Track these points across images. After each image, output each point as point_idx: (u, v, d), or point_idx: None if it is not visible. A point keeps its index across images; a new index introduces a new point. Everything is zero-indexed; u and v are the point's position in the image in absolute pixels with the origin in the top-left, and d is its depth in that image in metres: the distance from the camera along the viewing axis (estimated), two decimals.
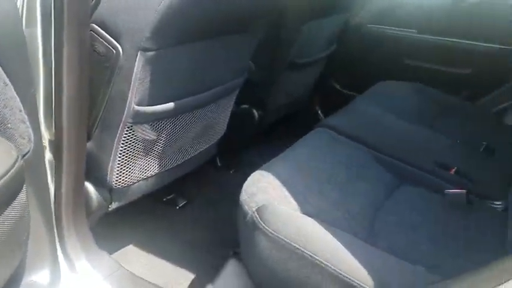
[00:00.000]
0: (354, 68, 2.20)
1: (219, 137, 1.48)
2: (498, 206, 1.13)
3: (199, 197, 1.70)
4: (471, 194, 1.12)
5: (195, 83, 1.16)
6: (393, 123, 1.47)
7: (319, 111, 2.32)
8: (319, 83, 2.19)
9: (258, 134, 1.93)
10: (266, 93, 1.73)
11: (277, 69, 1.65)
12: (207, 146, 1.42)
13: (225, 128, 1.48)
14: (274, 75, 1.67)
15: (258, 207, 0.91)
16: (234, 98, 1.43)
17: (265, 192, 0.95)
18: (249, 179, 1.02)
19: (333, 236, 0.85)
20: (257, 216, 0.89)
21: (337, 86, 2.28)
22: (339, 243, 0.83)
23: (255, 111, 1.78)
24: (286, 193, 0.97)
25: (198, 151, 1.38)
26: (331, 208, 0.97)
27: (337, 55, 2.15)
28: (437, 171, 1.21)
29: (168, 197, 1.63)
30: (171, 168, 1.29)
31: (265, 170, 1.03)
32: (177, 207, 1.61)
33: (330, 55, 2.02)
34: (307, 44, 1.71)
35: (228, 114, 1.45)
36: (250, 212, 0.91)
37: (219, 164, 1.90)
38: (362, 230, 0.94)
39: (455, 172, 1.22)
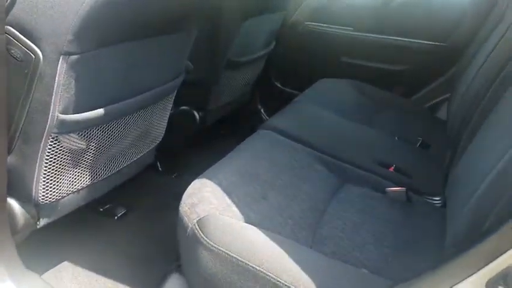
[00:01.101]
0: (293, 66, 2.21)
1: (157, 142, 1.41)
2: (437, 202, 1.16)
3: (139, 205, 1.61)
4: (410, 191, 1.14)
5: (126, 87, 1.09)
6: (334, 121, 1.48)
7: (262, 110, 2.31)
8: (260, 82, 2.17)
9: (200, 135, 1.88)
10: (206, 94, 1.68)
11: (216, 69, 1.61)
12: (144, 153, 1.35)
13: (163, 132, 1.41)
14: (214, 75, 1.62)
15: (199, 219, 0.86)
16: (172, 100, 1.37)
17: (207, 202, 0.91)
18: (189, 188, 0.97)
19: (277, 244, 0.82)
20: (198, 229, 0.85)
21: (278, 84, 2.27)
22: (283, 251, 0.81)
23: (195, 112, 1.72)
24: (229, 201, 0.93)
25: (134, 159, 1.31)
26: (275, 214, 0.95)
27: (277, 53, 2.14)
28: (377, 169, 1.22)
29: (105, 207, 1.53)
30: (104, 178, 1.21)
31: (206, 177, 0.99)
32: (115, 218, 1.52)
33: (270, 53, 2.00)
34: (246, 42, 1.68)
35: (166, 117, 1.38)
36: (190, 225, 0.86)
37: (160, 169, 1.82)
38: (306, 236, 0.92)
39: (394, 169, 1.24)
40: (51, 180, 1.04)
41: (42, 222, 1.10)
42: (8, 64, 0.90)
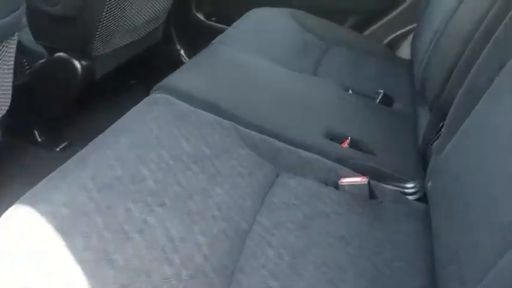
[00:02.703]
0: None
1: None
2: (409, 190, 0.81)
3: (12, 187, 1.16)
4: (374, 180, 0.78)
5: None
6: (264, 73, 1.06)
7: (182, 52, 1.82)
8: (176, 14, 1.67)
9: (99, 86, 1.40)
10: (87, 34, 1.17)
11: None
12: None
13: (8, 96, 0.94)
14: (89, 7, 1.11)
15: None
16: (13, 47, 0.88)
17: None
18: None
19: None
20: None
21: (201, 17, 1.78)
22: None
23: (75, 61, 1.23)
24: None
25: None
26: (155, 258, 0.55)
27: None
28: (327, 146, 0.83)
29: None
30: None
31: (29, 203, 0.56)
32: None
33: None
34: None
35: (7, 71, 0.90)
36: None
37: (39, 140, 1.35)
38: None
39: (350, 144, 0.87)
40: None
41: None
42: None
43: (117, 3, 1.17)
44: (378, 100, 1.09)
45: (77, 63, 1.22)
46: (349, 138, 0.87)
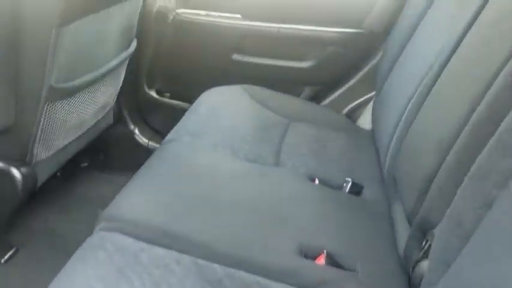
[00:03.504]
0: (168, 69, 1.65)
1: None
2: None
3: None
4: None
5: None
6: (225, 177, 0.97)
7: (136, 130, 1.72)
8: (126, 93, 1.58)
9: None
10: (24, 139, 1.06)
11: (27, 107, 0.99)
12: None
13: None
14: (26, 116, 1.01)
15: None
16: None
17: None
18: None
19: None
20: None
21: (153, 94, 1.70)
22: None
23: (14, 169, 1.10)
24: None
25: None
26: None
27: (143, 54, 1.57)
28: (302, 271, 0.75)
29: None
30: None
31: None
32: None
33: (134, 56, 1.43)
34: (80, 54, 1.08)
35: None
36: None
37: None
38: None
39: (325, 260, 0.78)
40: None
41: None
42: None
43: (62, 106, 1.07)
44: (347, 189, 1.02)
45: (16, 173, 1.10)
46: (325, 252, 0.78)
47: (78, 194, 1.55)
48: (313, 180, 1.03)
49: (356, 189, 1.02)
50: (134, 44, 1.42)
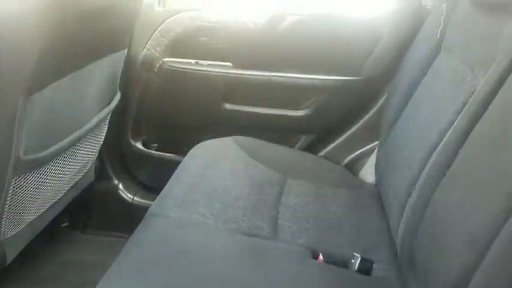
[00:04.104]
0: (157, 119, 1.55)
1: None
2: None
3: None
4: None
5: None
6: (217, 259, 0.85)
7: (120, 186, 1.59)
8: (109, 146, 1.47)
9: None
10: None
11: None
12: None
13: None
14: None
15: None
16: None
17: None
18: None
19: None
20: None
21: (139, 146, 1.59)
22: None
23: None
24: None
25: None
26: None
27: (127, 105, 1.47)
28: None
29: None
30: None
31: None
32: None
33: (118, 106, 1.33)
34: (53, 119, 0.98)
35: None
36: None
37: None
38: None
39: None
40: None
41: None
42: None
43: (27, 180, 0.96)
44: (355, 267, 0.91)
45: None
46: None
47: (58, 260, 1.41)
48: (317, 257, 0.92)
49: (366, 266, 0.91)
50: (118, 97, 1.33)
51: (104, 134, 1.33)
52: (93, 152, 1.29)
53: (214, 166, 1.20)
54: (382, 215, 1.11)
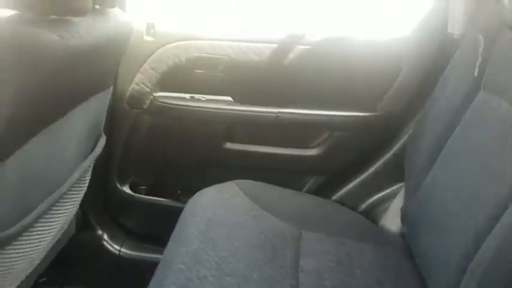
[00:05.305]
0: (147, 160, 1.37)
1: None
2: None
3: None
4: None
5: None
6: None
7: (105, 236, 1.40)
8: (92, 194, 1.28)
9: None
10: None
11: None
12: None
13: None
14: None
15: None
16: None
17: None
18: None
19: None
20: None
21: (127, 190, 1.40)
22: None
23: None
24: None
25: None
26: None
27: (113, 147, 1.29)
28: None
29: None
30: None
31: None
32: None
33: (103, 149, 1.15)
34: (25, 186, 0.79)
35: None
36: None
37: None
38: None
39: None
40: None
41: None
42: None
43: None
44: None
45: None
46: None
47: None
48: None
49: None
50: (103, 142, 1.14)
51: (87, 184, 1.14)
52: (74, 206, 1.10)
53: (219, 223, 1.03)
54: (417, 277, 0.96)
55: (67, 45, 0.67)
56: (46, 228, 0.91)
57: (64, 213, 1.01)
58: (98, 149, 1.10)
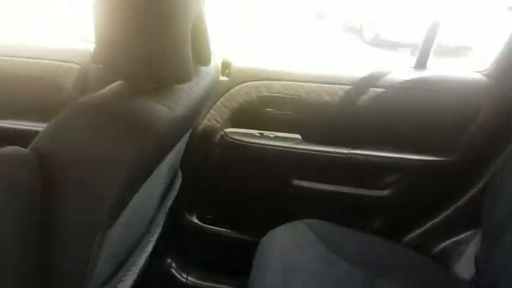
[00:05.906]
0: (215, 194, 1.40)
1: None
2: None
3: None
4: None
5: None
6: None
7: (174, 264, 1.45)
8: (166, 222, 1.33)
9: None
10: None
11: None
12: None
13: None
14: None
15: None
16: None
17: None
18: None
19: None
20: None
21: (196, 221, 1.44)
22: None
23: None
24: None
25: None
26: None
27: (185, 179, 1.33)
28: None
29: None
30: None
31: None
32: None
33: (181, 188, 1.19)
34: (122, 241, 0.83)
35: None
36: None
37: None
38: None
39: None
40: None
41: None
42: None
43: None
44: None
45: None
46: None
47: None
48: None
49: None
50: (179, 178, 1.19)
51: (164, 220, 1.19)
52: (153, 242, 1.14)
53: (294, 269, 1.03)
54: None
55: (175, 116, 0.70)
56: (133, 271, 0.95)
57: (147, 251, 1.05)
58: (177, 186, 1.14)
